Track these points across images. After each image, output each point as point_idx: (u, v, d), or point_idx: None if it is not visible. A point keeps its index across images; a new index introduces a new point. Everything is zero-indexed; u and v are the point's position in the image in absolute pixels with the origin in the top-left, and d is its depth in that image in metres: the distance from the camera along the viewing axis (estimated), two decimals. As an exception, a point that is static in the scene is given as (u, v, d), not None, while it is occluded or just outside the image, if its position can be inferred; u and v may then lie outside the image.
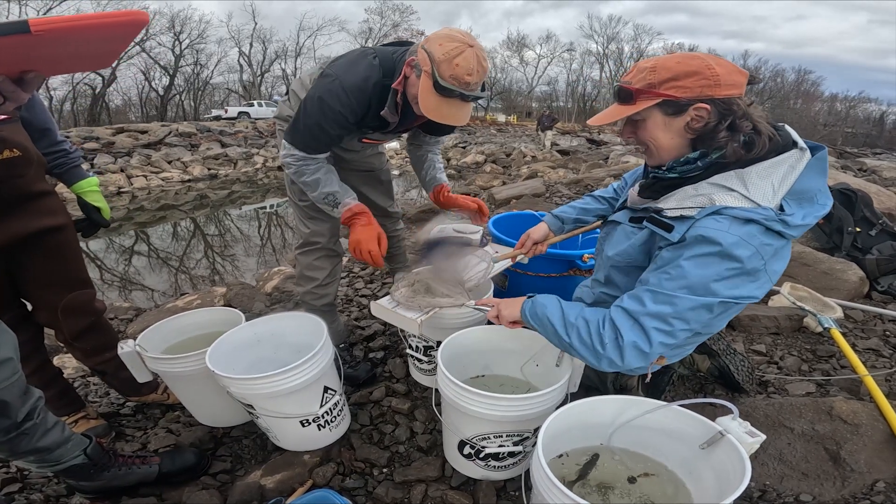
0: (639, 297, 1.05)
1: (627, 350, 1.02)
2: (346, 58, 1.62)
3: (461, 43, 1.41)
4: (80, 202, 1.73)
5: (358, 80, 1.54)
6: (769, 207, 0.97)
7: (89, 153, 12.28)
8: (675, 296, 0.99)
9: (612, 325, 1.06)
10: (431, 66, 1.41)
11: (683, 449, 1.13)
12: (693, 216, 1.02)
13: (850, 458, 1.49)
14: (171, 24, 33.46)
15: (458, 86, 1.42)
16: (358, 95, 1.54)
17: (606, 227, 1.39)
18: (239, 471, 1.63)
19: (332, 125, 1.57)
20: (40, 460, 1.29)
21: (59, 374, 1.74)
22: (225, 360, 1.55)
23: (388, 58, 1.58)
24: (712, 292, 0.97)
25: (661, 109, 1.04)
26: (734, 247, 0.94)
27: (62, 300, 1.55)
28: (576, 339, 1.11)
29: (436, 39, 1.44)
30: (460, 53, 1.39)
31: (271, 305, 3.08)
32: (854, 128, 47.52)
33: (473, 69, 1.42)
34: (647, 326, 1.01)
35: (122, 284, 5.61)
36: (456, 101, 1.47)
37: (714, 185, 1.03)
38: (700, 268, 0.97)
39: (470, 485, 1.51)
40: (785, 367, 2.13)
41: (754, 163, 1.00)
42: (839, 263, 2.94)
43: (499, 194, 6.50)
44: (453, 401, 1.30)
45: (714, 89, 0.98)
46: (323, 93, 1.54)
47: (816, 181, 1.00)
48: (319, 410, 1.55)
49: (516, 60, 52.30)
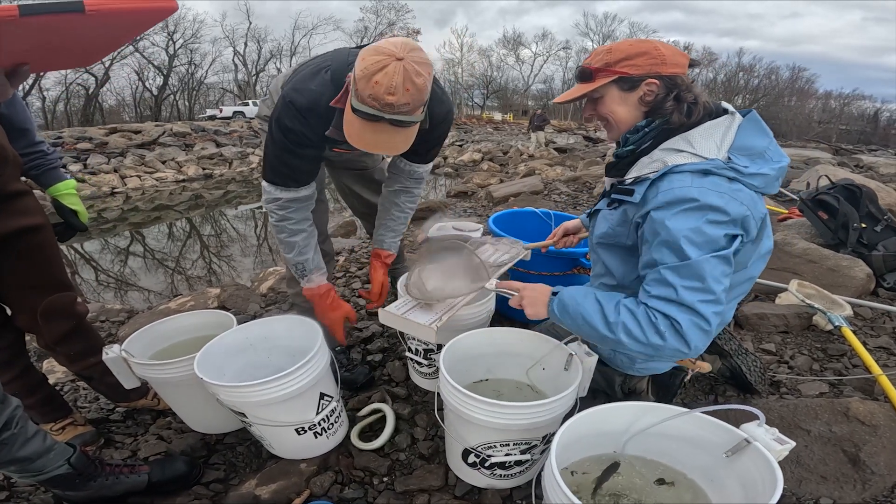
0: (663, 281, 1.05)
1: (689, 332, 1.01)
2: (302, 73, 1.48)
3: (386, 56, 1.18)
4: (56, 205, 1.67)
5: (309, 100, 1.41)
6: (716, 158, 1.07)
7: (82, 153, 12.18)
8: (692, 262, 1.02)
9: (661, 315, 1.04)
10: (352, 81, 1.24)
11: (704, 457, 1.06)
12: (649, 177, 1.12)
13: (869, 460, 1.45)
14: (165, 24, 33.24)
15: (376, 108, 1.21)
16: (312, 116, 1.41)
17: (592, 219, 1.42)
18: (233, 480, 1.57)
19: (297, 146, 1.47)
20: (21, 470, 1.24)
21: (44, 380, 1.67)
22: (215, 366, 1.48)
23: (342, 69, 1.41)
24: (713, 240, 1.02)
25: (618, 85, 1.17)
26: (706, 196, 1.02)
27: (41, 303, 1.48)
28: (624, 335, 1.07)
29: (364, 52, 1.23)
30: (382, 69, 1.17)
31: (266, 307, 3.01)
32: (848, 125, 47.73)
33: (397, 86, 1.18)
34: (692, 301, 1.02)
35: (116, 286, 5.53)
36: (384, 126, 1.26)
37: (664, 150, 1.14)
38: (687, 222, 1.03)
39: (475, 494, 1.45)
40: (796, 366, 2.07)
41: (693, 128, 1.13)
42: (845, 260, 2.90)
43: (497, 192, 6.45)
44: (457, 408, 1.24)
45: (661, 67, 1.13)
46: (280, 115, 1.44)
47: (758, 139, 1.11)
48: (315, 418, 1.48)
49: (512, 59, 52.35)
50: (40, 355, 2.50)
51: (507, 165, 12.19)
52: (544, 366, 1.48)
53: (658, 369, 1.48)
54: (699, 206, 1.02)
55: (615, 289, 1.29)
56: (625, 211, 1.19)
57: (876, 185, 4.40)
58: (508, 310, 2.32)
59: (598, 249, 1.32)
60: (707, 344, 1.05)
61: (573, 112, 50.79)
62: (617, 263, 1.28)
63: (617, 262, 1.28)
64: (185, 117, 34.88)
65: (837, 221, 3.26)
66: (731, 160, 1.08)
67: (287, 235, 1.63)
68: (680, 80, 1.14)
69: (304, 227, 1.65)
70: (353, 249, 4.16)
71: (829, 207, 3.35)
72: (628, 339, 1.06)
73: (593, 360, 1.31)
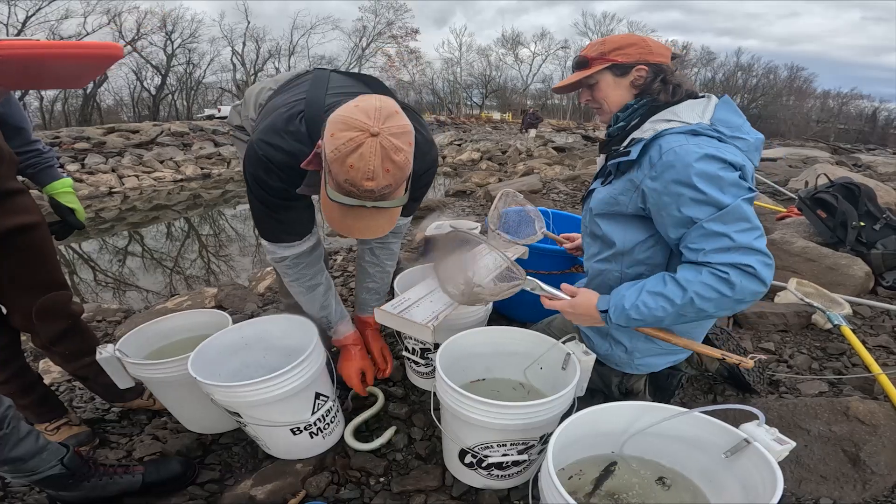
0: (711, 234, 1.08)
1: (761, 271, 1.06)
2: (274, 118, 1.32)
3: (358, 131, 1.03)
4: (53, 203, 1.66)
5: (285, 157, 1.28)
6: (701, 121, 1.18)
7: (80, 153, 12.13)
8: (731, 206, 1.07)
9: (727, 266, 1.07)
10: (325, 162, 1.10)
11: (703, 457, 1.05)
12: (643, 137, 1.21)
13: (869, 459, 1.44)
14: (163, 24, 33.24)
15: (355, 194, 1.08)
16: (292, 172, 1.28)
17: (586, 200, 1.48)
18: (228, 480, 1.56)
19: (285, 201, 1.36)
20: (14, 471, 1.23)
21: (39, 380, 1.66)
22: (209, 366, 1.47)
23: (317, 117, 1.26)
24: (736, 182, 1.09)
25: (611, 72, 1.31)
26: (706, 149, 1.10)
27: (36, 302, 1.47)
28: (702, 303, 1.09)
29: (331, 122, 1.07)
30: (355, 149, 1.02)
31: (263, 306, 2.99)
32: (846, 124, 47.73)
33: (375, 170, 1.03)
34: (749, 242, 1.07)
35: (113, 286, 5.50)
36: (365, 211, 1.13)
37: (654, 121, 1.25)
38: (704, 175, 1.09)
39: (472, 494, 1.44)
40: (795, 365, 2.07)
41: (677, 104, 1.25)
42: (844, 258, 2.90)
43: (495, 191, 6.43)
44: (453, 408, 1.22)
45: (648, 55, 1.28)
46: (257, 171, 1.31)
47: (734, 117, 1.22)
48: (311, 418, 1.47)
49: (511, 58, 52.29)
50: (36, 355, 2.49)
51: (506, 165, 12.17)
52: (542, 365, 1.47)
53: (656, 365, 1.47)
54: (706, 157, 1.09)
55: (614, 257, 1.35)
56: (629, 179, 1.25)
57: (874, 184, 4.39)
58: (506, 308, 2.32)
59: (597, 221, 1.36)
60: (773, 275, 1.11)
61: (572, 111, 50.83)
62: (619, 231, 1.32)
63: (619, 230, 1.32)
64: (183, 117, 34.74)
65: (836, 220, 3.26)
66: (713, 125, 1.18)
67: (305, 293, 1.57)
68: (665, 67, 1.28)
69: (321, 280, 1.58)
70: (352, 248, 4.15)
71: (827, 206, 3.34)
72: (708, 305, 1.09)
73: (591, 359, 1.30)
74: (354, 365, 1.70)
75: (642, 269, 1.31)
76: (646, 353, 1.43)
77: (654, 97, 1.28)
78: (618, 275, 1.35)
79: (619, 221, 1.31)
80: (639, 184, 1.20)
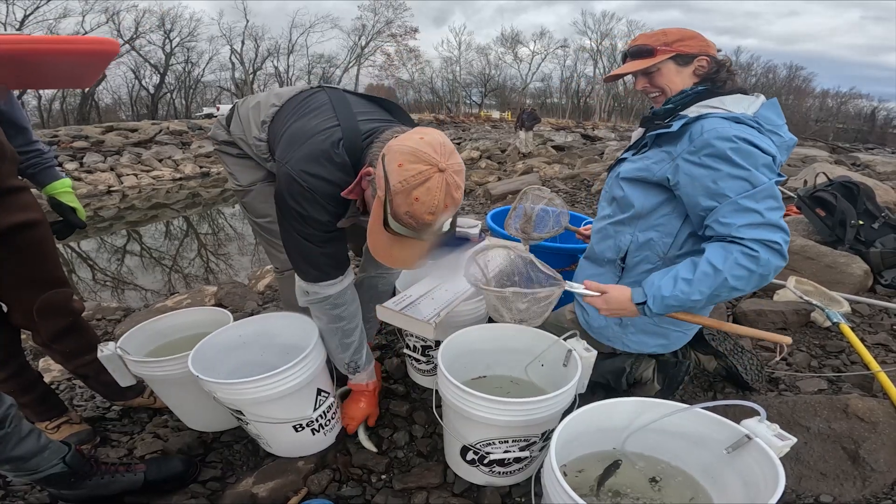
0: (744, 209, 1.16)
1: (784, 246, 1.16)
2: (308, 145, 1.25)
3: (428, 165, 1.04)
4: (54, 203, 1.66)
5: (330, 188, 1.23)
6: (745, 113, 1.26)
7: (78, 152, 12.12)
8: (766, 185, 1.16)
9: (756, 242, 1.15)
10: (385, 194, 1.08)
11: (704, 453, 1.06)
12: (686, 115, 1.31)
13: (869, 457, 1.44)
14: (161, 23, 33.15)
15: (414, 227, 1.09)
16: (334, 202, 1.26)
17: (613, 168, 1.54)
18: (230, 478, 1.56)
19: (331, 233, 1.32)
20: (16, 469, 1.23)
21: (39, 378, 1.65)
22: (209, 364, 1.46)
23: (357, 146, 1.25)
24: (769, 164, 1.18)
25: (674, 61, 1.38)
26: (745, 133, 1.18)
27: (37, 300, 1.47)
28: (736, 282, 1.16)
29: (398, 153, 1.06)
30: (423, 182, 1.04)
31: (263, 304, 3.00)
32: (845, 123, 47.76)
33: (438, 206, 1.06)
34: (777, 220, 1.16)
35: (112, 285, 5.50)
36: (414, 241, 1.15)
37: (700, 106, 1.32)
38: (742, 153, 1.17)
39: (473, 491, 1.44)
40: (795, 363, 2.07)
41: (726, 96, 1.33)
42: (843, 257, 2.90)
43: (494, 189, 6.45)
44: (455, 405, 1.23)
45: (708, 48, 1.37)
46: (301, 204, 1.24)
47: (775, 118, 1.30)
48: (313, 414, 1.47)
49: (510, 57, 52.25)
50: (36, 354, 2.49)
51: (505, 163, 12.17)
52: (543, 362, 1.47)
53: (646, 345, 1.51)
54: (743, 139, 1.16)
55: (630, 220, 1.44)
56: (666, 151, 1.33)
57: (873, 183, 4.39)
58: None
59: (622, 184, 1.44)
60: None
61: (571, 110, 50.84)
62: (639, 195, 1.40)
63: (639, 193, 1.40)
64: (181, 116, 34.67)
65: (835, 218, 3.26)
66: (755, 118, 1.26)
67: (342, 337, 1.46)
68: (724, 59, 1.37)
69: (358, 322, 1.49)
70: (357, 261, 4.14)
71: (826, 204, 3.35)
72: (739, 283, 1.16)
73: (592, 355, 1.30)
74: (365, 411, 1.62)
75: (653, 235, 1.40)
76: (639, 329, 1.49)
77: (719, 85, 1.35)
78: (629, 238, 1.43)
79: (641, 187, 1.40)
80: (675, 156, 1.29)
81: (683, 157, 1.26)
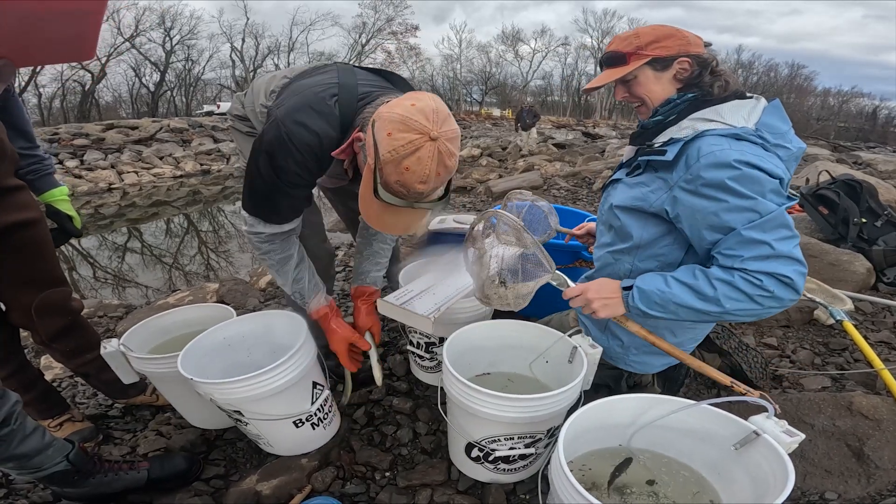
0: (750, 241, 1.04)
1: (797, 281, 1.03)
2: (302, 94, 1.27)
3: (419, 134, 1.03)
4: (51, 211, 1.66)
5: (312, 140, 1.22)
6: (745, 126, 1.12)
7: (79, 150, 12.11)
8: (775, 213, 1.03)
9: (764, 275, 1.04)
10: (375, 162, 1.08)
11: (711, 450, 1.05)
12: (682, 137, 1.15)
13: (873, 454, 1.44)
14: (162, 20, 33.10)
15: (404, 196, 1.09)
16: (312, 156, 1.25)
17: (607, 189, 1.41)
18: (233, 476, 1.56)
19: (289, 187, 1.30)
20: (19, 467, 1.22)
21: (40, 376, 1.65)
22: (199, 368, 1.45)
23: (351, 103, 1.25)
24: (776, 190, 1.06)
25: (651, 66, 1.22)
26: (746, 156, 1.05)
27: (36, 299, 1.46)
28: (730, 304, 1.07)
29: (387, 121, 1.05)
30: (414, 152, 1.03)
31: (265, 301, 2.99)
32: (847, 122, 47.66)
33: (429, 174, 1.05)
34: (788, 251, 1.04)
35: (113, 283, 5.50)
36: (405, 210, 1.15)
37: (694, 119, 1.18)
38: (746, 180, 1.05)
39: (478, 488, 1.44)
40: (798, 360, 2.07)
41: (722, 103, 1.18)
42: (846, 255, 2.90)
43: (496, 187, 6.44)
44: (461, 401, 1.22)
45: (688, 47, 1.19)
46: (274, 150, 1.23)
47: (780, 123, 1.16)
48: (311, 408, 1.47)
49: (511, 55, 52.14)
50: (37, 352, 2.48)
51: (506, 161, 12.15)
52: (547, 359, 1.47)
53: (651, 365, 1.46)
54: (747, 164, 1.04)
55: (629, 251, 1.31)
56: (662, 179, 1.20)
57: (875, 182, 4.39)
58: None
59: (617, 214, 1.31)
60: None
61: (572, 108, 50.78)
62: (638, 226, 1.28)
63: (638, 225, 1.28)
64: (182, 113, 34.63)
65: (838, 216, 3.26)
66: (757, 131, 1.13)
67: (275, 267, 1.48)
68: (707, 56, 1.21)
69: (292, 254, 1.48)
70: (353, 244, 4.14)
71: (829, 202, 3.34)
72: (735, 306, 1.07)
73: (598, 352, 1.29)
74: (337, 336, 1.57)
75: (654, 265, 1.28)
76: (641, 351, 1.42)
77: (706, 90, 1.20)
78: (629, 267, 1.32)
79: (639, 217, 1.27)
80: (672, 185, 1.15)
81: (680, 187, 1.13)
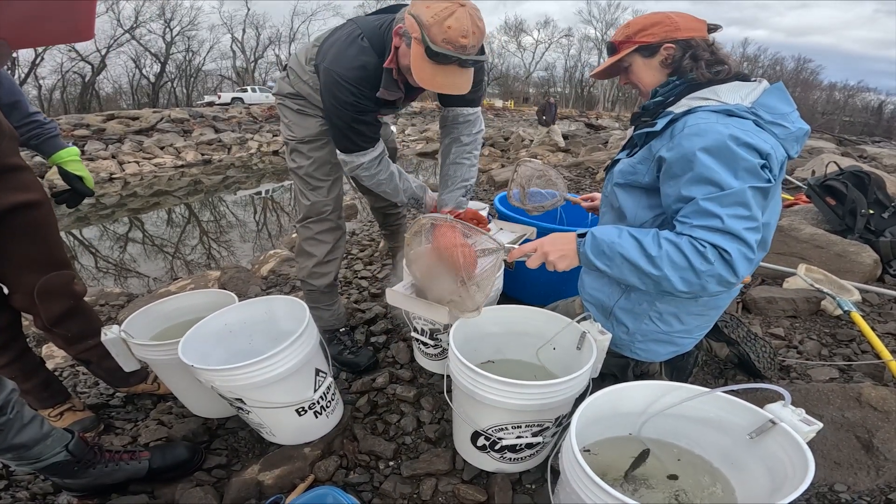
0: (704, 212, 1.04)
1: (738, 261, 1.02)
2: (335, 45, 1.54)
3: (451, 2, 1.30)
4: (62, 172, 1.65)
5: (355, 70, 1.49)
6: (739, 103, 1.12)
7: (79, 140, 12.07)
8: (736, 190, 1.02)
9: (709, 244, 1.03)
10: (421, 31, 1.32)
11: (724, 439, 1.03)
12: (673, 111, 1.18)
13: (882, 446, 1.42)
14: (161, 12, 32.90)
15: (452, 50, 1.32)
16: (362, 84, 1.51)
17: (610, 170, 1.43)
18: (235, 465, 1.54)
19: (359, 114, 1.56)
20: (18, 458, 1.20)
21: (42, 364, 1.63)
22: (200, 355, 1.43)
23: (377, 33, 1.51)
24: (751, 169, 1.03)
25: (640, 54, 1.29)
26: (732, 130, 1.04)
27: (38, 282, 1.43)
28: (669, 268, 1.06)
29: (422, 1, 1.33)
30: (451, 14, 1.29)
31: (267, 289, 2.97)
32: (852, 116, 47.37)
33: (468, 30, 1.31)
34: (738, 229, 1.02)
35: (115, 271, 5.48)
36: (453, 68, 1.38)
37: (691, 98, 1.20)
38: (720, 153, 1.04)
39: (483, 478, 1.42)
40: (805, 351, 2.05)
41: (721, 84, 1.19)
42: (853, 246, 2.87)
43: (498, 176, 6.44)
44: (468, 388, 1.20)
45: (675, 33, 1.23)
46: (333, 92, 1.52)
47: (782, 105, 1.14)
48: (314, 395, 1.45)
49: (514, 45, 51.83)
50: (39, 340, 2.47)
51: (509, 151, 12.11)
52: (555, 345, 1.44)
53: (657, 353, 1.43)
54: (729, 136, 1.03)
55: None
56: (649, 147, 1.22)
57: (881, 175, 4.35)
58: (514, 291, 2.29)
59: (616, 192, 1.33)
60: (751, 271, 1.07)
61: (574, 99, 50.50)
62: (631, 204, 1.30)
63: (631, 202, 1.30)
64: (182, 104, 34.50)
65: (845, 207, 3.22)
66: (752, 108, 1.12)
67: (386, 186, 1.77)
68: (695, 42, 1.22)
69: (392, 171, 1.77)
70: (355, 232, 4.14)
71: (837, 193, 3.31)
72: (673, 273, 1.06)
73: (607, 338, 1.27)
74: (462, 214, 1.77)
75: None
76: (647, 338, 1.39)
77: (689, 74, 1.22)
78: None
79: (633, 194, 1.29)
80: (655, 153, 1.18)
81: (661, 154, 1.15)
